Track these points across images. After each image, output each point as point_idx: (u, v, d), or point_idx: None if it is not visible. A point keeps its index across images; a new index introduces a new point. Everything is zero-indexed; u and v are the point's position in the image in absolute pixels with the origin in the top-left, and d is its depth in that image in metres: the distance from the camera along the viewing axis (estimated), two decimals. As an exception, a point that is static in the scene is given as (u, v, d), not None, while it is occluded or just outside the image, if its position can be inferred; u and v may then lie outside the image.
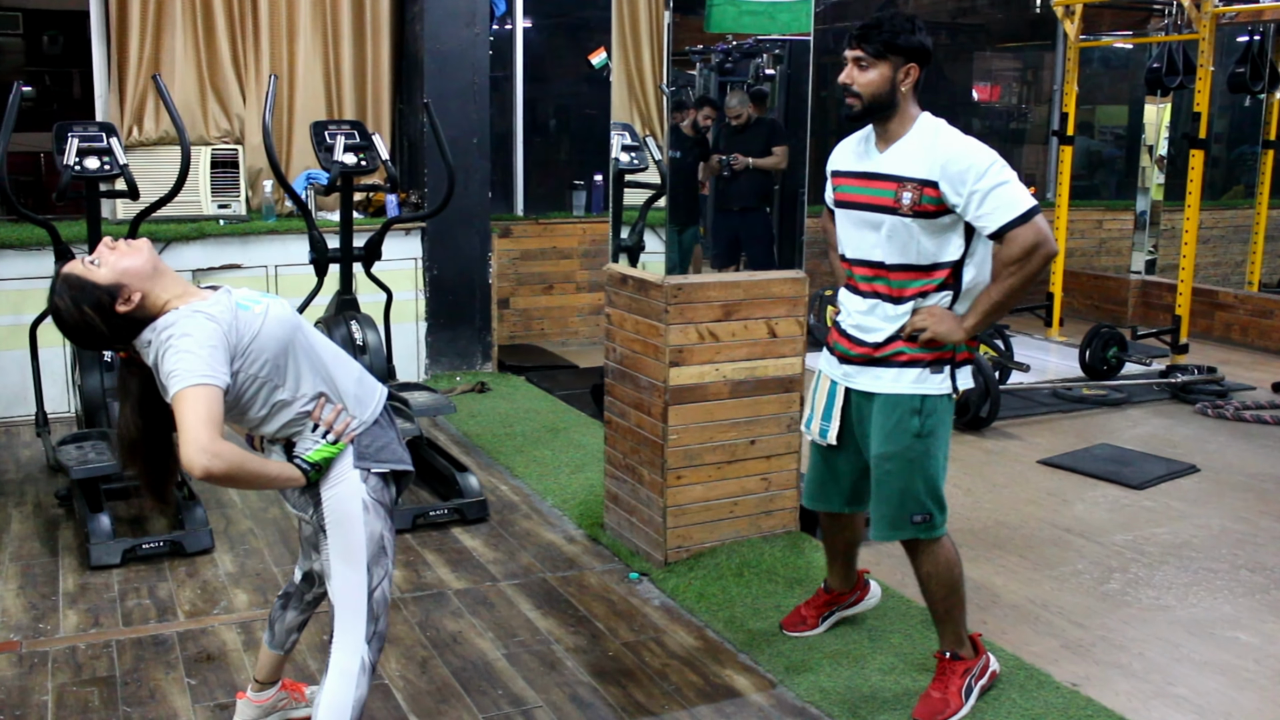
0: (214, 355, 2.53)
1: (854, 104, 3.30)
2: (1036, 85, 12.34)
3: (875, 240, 3.34)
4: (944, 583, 3.47)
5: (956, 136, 3.28)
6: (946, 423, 3.40)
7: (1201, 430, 6.72)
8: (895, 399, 3.35)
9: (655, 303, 4.39)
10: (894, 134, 3.32)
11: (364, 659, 2.80)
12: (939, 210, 3.22)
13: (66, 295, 2.63)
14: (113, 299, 2.61)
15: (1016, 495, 5.53)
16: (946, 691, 3.47)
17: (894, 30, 3.26)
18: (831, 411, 3.53)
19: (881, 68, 3.26)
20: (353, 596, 2.80)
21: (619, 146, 5.65)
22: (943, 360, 3.33)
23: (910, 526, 3.40)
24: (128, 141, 6.94)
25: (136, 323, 2.64)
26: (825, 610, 3.99)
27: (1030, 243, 3.14)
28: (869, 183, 3.35)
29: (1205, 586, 4.48)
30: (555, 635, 4.05)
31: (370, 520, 2.80)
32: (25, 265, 6.52)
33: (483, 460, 6.08)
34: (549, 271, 8.97)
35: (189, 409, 2.46)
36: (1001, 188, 3.16)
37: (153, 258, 2.69)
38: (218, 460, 2.43)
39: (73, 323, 2.64)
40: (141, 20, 7.09)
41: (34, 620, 4.12)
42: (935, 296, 3.32)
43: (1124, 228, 11.23)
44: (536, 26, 9.18)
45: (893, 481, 3.38)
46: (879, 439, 3.39)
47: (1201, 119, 7.71)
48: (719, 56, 8.55)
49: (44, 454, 5.89)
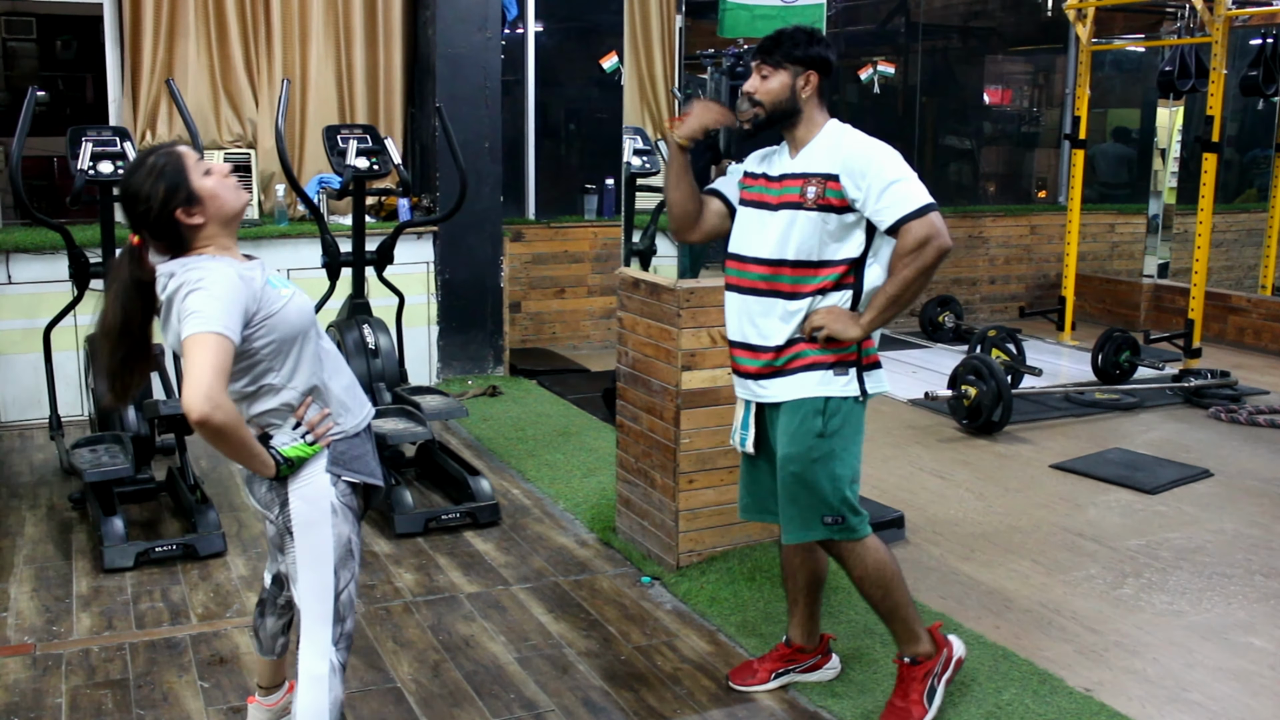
0: (234, 310, 2.53)
1: (758, 113, 3.39)
2: (1048, 89, 12.32)
3: (777, 236, 3.33)
4: (877, 584, 3.43)
5: (860, 136, 3.34)
6: (855, 425, 3.36)
7: (1215, 435, 6.69)
8: (799, 402, 3.33)
9: (668, 307, 4.39)
10: (802, 140, 3.38)
11: (333, 661, 2.79)
12: (842, 206, 3.25)
13: (159, 163, 2.64)
14: (188, 202, 2.63)
15: (1029, 500, 5.52)
16: (908, 699, 3.44)
17: (792, 42, 3.35)
18: (748, 420, 3.49)
19: (781, 76, 3.34)
20: (319, 600, 2.78)
21: (631, 150, 5.67)
22: (846, 362, 3.32)
23: (821, 527, 3.37)
24: (141, 146, 6.97)
25: (178, 237, 2.65)
26: (780, 668, 3.73)
27: (924, 235, 3.16)
28: (778, 183, 3.39)
29: (1219, 592, 4.46)
30: (567, 639, 4.05)
31: (338, 523, 2.78)
32: (39, 269, 6.54)
33: (494, 464, 6.08)
34: (560, 275, 8.98)
35: (203, 353, 2.44)
36: (899, 183, 3.20)
37: (240, 214, 2.74)
38: (218, 412, 2.41)
39: (136, 185, 2.64)
40: (155, 25, 7.12)
41: (48, 623, 4.13)
42: (834, 295, 3.31)
43: (1136, 231, 11.20)
44: (548, 30, 9.19)
45: (798, 483, 3.35)
46: (784, 441, 3.37)
47: (1214, 122, 7.70)
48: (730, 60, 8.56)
49: (58, 457, 5.91)
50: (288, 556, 2.82)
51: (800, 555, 3.64)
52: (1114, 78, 12.41)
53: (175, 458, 5.30)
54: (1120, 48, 11.68)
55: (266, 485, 2.78)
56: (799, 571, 3.67)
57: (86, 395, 5.84)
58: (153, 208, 2.62)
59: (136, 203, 2.64)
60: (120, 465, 4.67)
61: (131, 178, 2.65)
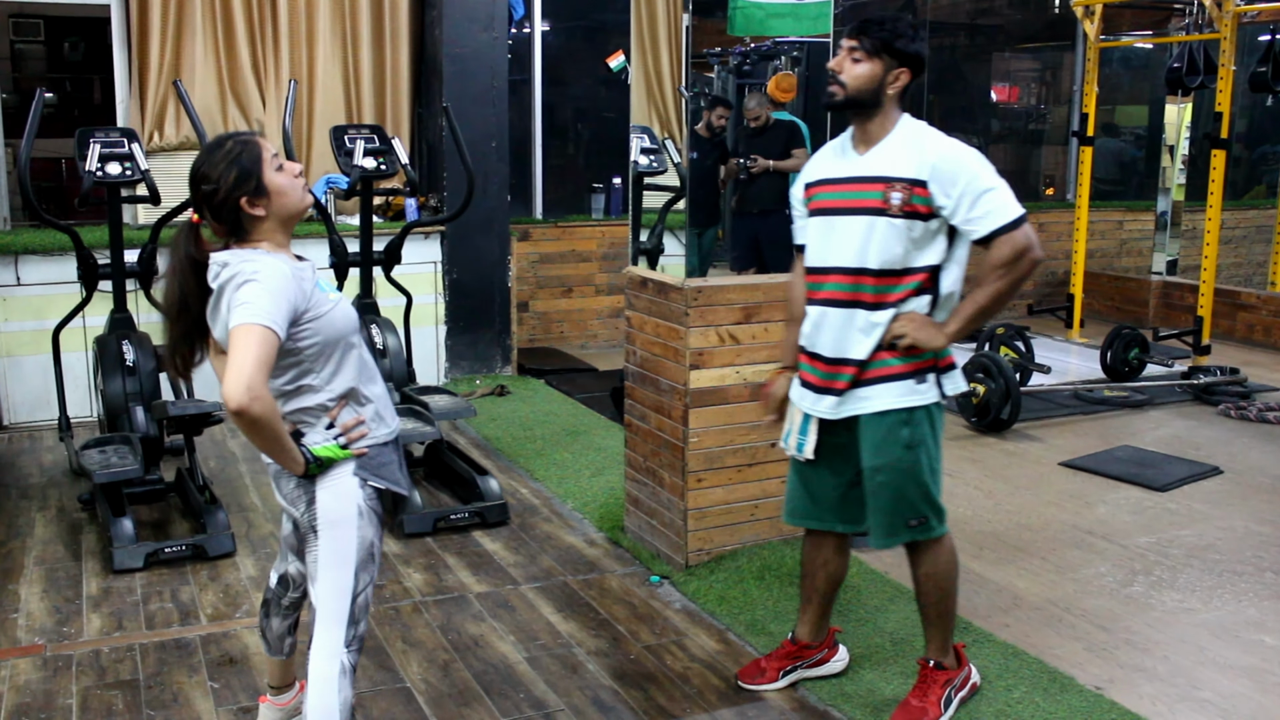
0: (284, 306, 2.56)
1: (836, 93, 3.25)
2: (1056, 86, 12.30)
3: (861, 245, 3.23)
4: (940, 585, 3.43)
5: (944, 139, 3.21)
6: (937, 429, 3.33)
7: (1224, 432, 6.68)
8: (881, 414, 3.28)
9: (675, 305, 4.38)
10: (874, 136, 3.26)
11: (343, 662, 2.79)
12: (928, 213, 3.15)
13: (238, 148, 2.68)
14: (254, 192, 2.66)
15: (1038, 497, 5.51)
16: (925, 700, 3.43)
17: (895, 32, 3.21)
18: (808, 426, 3.42)
19: (874, 64, 3.20)
20: (336, 600, 2.79)
21: (638, 149, 5.66)
22: (924, 369, 3.26)
23: (906, 530, 3.37)
24: (149, 147, 6.98)
25: (237, 224, 2.68)
26: (788, 665, 3.71)
27: (1020, 247, 3.09)
28: (853, 186, 3.27)
29: (1230, 589, 4.45)
30: (576, 638, 4.05)
31: (363, 525, 2.79)
32: (48, 270, 6.55)
33: (503, 463, 6.08)
34: (568, 274, 8.98)
35: (249, 344, 2.46)
36: (991, 193, 3.11)
37: (301, 215, 2.78)
38: (257, 403, 2.44)
39: (210, 164, 2.67)
40: (162, 26, 7.13)
41: (58, 624, 4.14)
42: (914, 302, 3.24)
43: (1145, 228, 11.18)
44: (555, 30, 9.19)
45: (886, 492, 3.33)
46: (869, 452, 3.32)
47: (1223, 119, 7.68)
48: (737, 59, 8.57)
49: (67, 458, 5.93)
50: (309, 555, 2.84)
51: (824, 556, 3.61)
52: (1122, 74, 12.38)
53: (184, 459, 5.31)
54: (1128, 44, 11.65)
55: (295, 481, 2.80)
56: (819, 572, 3.64)
57: (95, 396, 5.85)
58: (219, 191, 2.65)
59: (205, 183, 2.67)
60: (129, 466, 4.68)
61: (207, 158, 2.69)
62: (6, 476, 5.79)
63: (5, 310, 6.52)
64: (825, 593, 3.68)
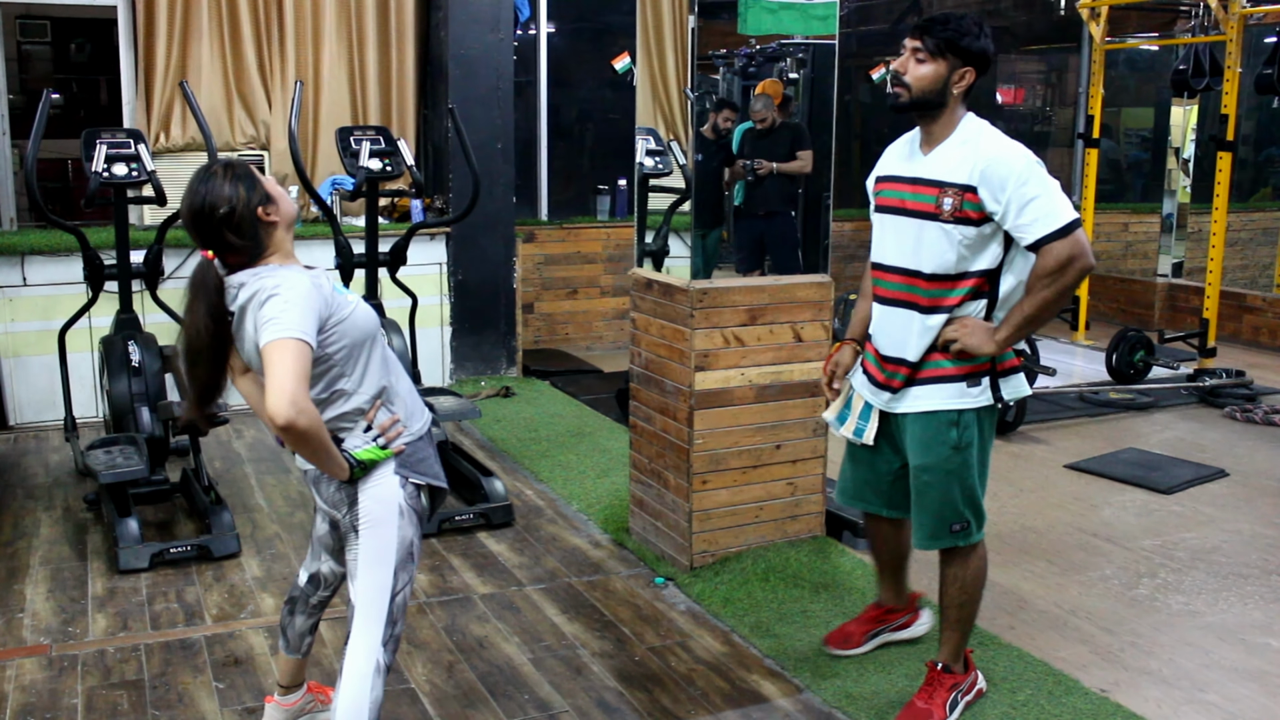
0: (312, 316, 2.58)
1: (901, 94, 3.24)
2: (1061, 88, 12.30)
3: (914, 247, 3.27)
4: (966, 589, 3.44)
5: (998, 140, 3.19)
6: (986, 433, 3.34)
7: (1230, 434, 6.67)
8: (931, 414, 3.30)
9: (681, 307, 4.38)
10: (938, 136, 3.25)
11: (379, 661, 2.81)
12: (980, 218, 3.15)
13: (233, 171, 2.72)
14: (264, 200, 2.72)
15: (1043, 500, 5.50)
16: (931, 702, 3.44)
17: (959, 31, 3.17)
18: (870, 412, 3.48)
19: (938, 65, 3.18)
20: (375, 599, 2.81)
21: (643, 151, 5.65)
22: (980, 373, 3.27)
23: (949, 535, 3.38)
24: (155, 148, 7.00)
25: (254, 238, 2.71)
26: (873, 628, 3.89)
27: (1067, 256, 3.06)
28: (912, 187, 3.29)
29: (1235, 592, 4.44)
30: (581, 640, 4.05)
31: (404, 525, 2.82)
32: (54, 271, 6.56)
33: (508, 465, 6.09)
34: (573, 276, 8.98)
35: (285, 358, 2.47)
36: (1040, 199, 3.07)
37: (296, 220, 2.85)
38: (302, 416, 2.45)
39: (218, 189, 2.69)
40: (169, 27, 7.14)
41: (63, 624, 4.14)
42: (969, 306, 3.24)
43: (1150, 231, 11.16)
44: (560, 31, 9.19)
45: (932, 493, 3.35)
46: (917, 450, 3.35)
47: (1229, 121, 7.66)
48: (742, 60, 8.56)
49: (73, 459, 5.93)
50: (349, 553, 2.86)
51: (883, 533, 3.73)
52: (1127, 76, 12.37)
53: (189, 459, 5.31)
54: (1134, 46, 11.63)
55: (336, 484, 2.83)
56: (883, 546, 3.79)
57: (101, 397, 5.86)
58: (237, 207, 2.68)
59: (220, 207, 2.69)
60: (135, 467, 4.68)
61: (207, 188, 2.70)
62: (12, 476, 5.80)
63: (12, 311, 6.53)
64: (894, 563, 3.83)
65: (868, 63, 10.64)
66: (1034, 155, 3.17)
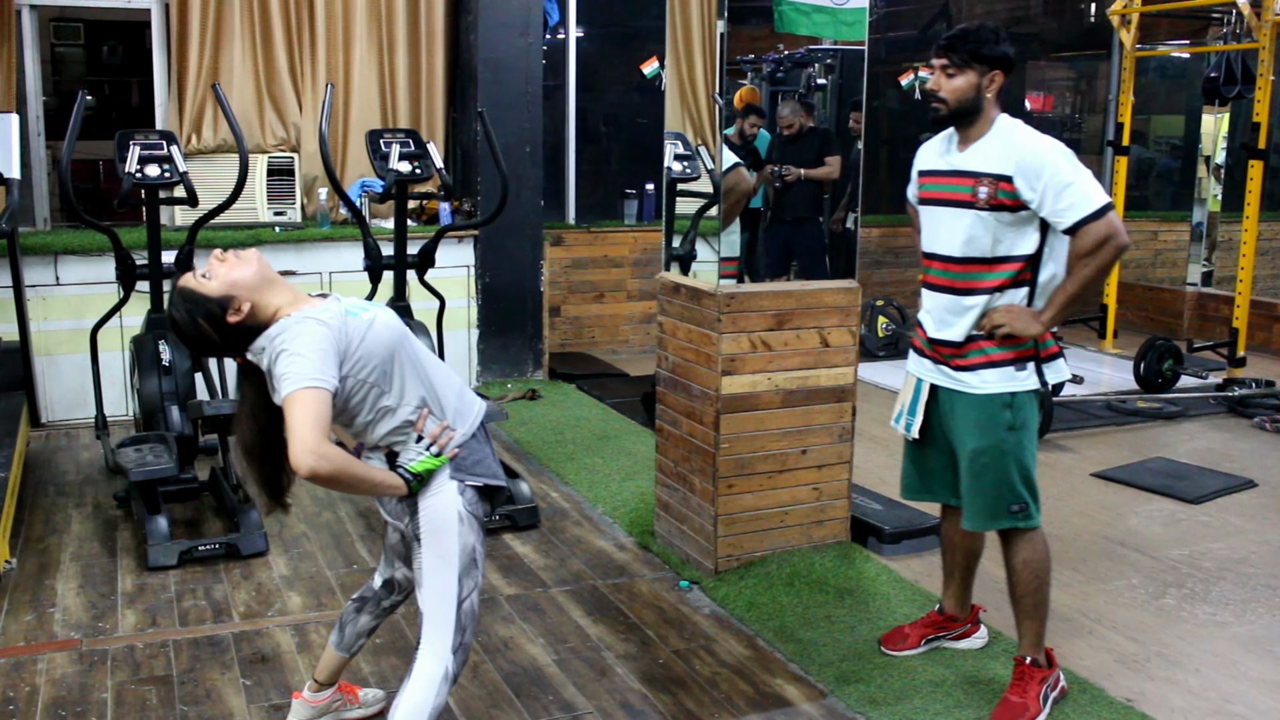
0: (324, 359, 2.59)
1: (940, 109, 3.45)
2: (1091, 95, 12.24)
3: (950, 235, 3.45)
4: (1037, 573, 3.52)
5: (1031, 134, 3.38)
6: (1035, 415, 3.49)
7: (1259, 444, 6.62)
8: (986, 397, 3.44)
9: (708, 311, 4.39)
10: (974, 135, 3.45)
11: (448, 668, 2.83)
12: (1015, 205, 3.32)
13: (181, 307, 2.72)
14: (223, 310, 2.69)
15: (1070, 508, 5.48)
16: (1026, 696, 3.48)
17: (979, 40, 3.38)
18: (916, 406, 3.64)
19: (968, 75, 3.39)
20: (442, 606, 2.84)
21: (671, 155, 5.66)
22: (1025, 357, 3.42)
23: (1007, 516, 3.48)
24: (187, 149, 7.05)
25: (249, 331, 2.71)
26: (931, 633, 3.95)
27: (1103, 235, 3.24)
28: (950, 179, 3.48)
29: (1264, 603, 4.42)
30: (606, 642, 4.06)
31: (464, 532, 2.85)
32: (86, 270, 6.63)
33: (534, 467, 6.11)
34: (600, 280, 9.00)
35: (298, 411, 2.51)
36: (1074, 185, 3.26)
37: (261, 269, 2.75)
38: (324, 461, 2.48)
39: (189, 333, 2.73)
40: (201, 30, 7.20)
41: (93, 619, 4.18)
42: (1011, 292, 3.40)
43: (1180, 239, 11.10)
44: (589, 35, 9.22)
45: (988, 474, 3.46)
46: (972, 435, 3.47)
47: (1261, 129, 7.61)
48: (770, 66, 8.56)
49: (103, 456, 5.99)
50: (415, 561, 2.89)
51: (962, 530, 3.77)
52: (1158, 84, 12.30)
53: (218, 458, 5.36)
54: (1165, 54, 11.57)
55: (396, 498, 2.87)
56: (959, 547, 3.87)
57: (132, 395, 5.91)
58: (210, 336, 2.72)
59: (200, 343, 2.75)
60: (165, 465, 4.73)
61: (179, 332, 2.75)
62: (44, 473, 5.86)
63: (45, 309, 6.60)
64: (965, 566, 3.90)
65: (896, 68, 10.62)
66: (1065, 146, 3.35)
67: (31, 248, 6.52)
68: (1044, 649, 3.59)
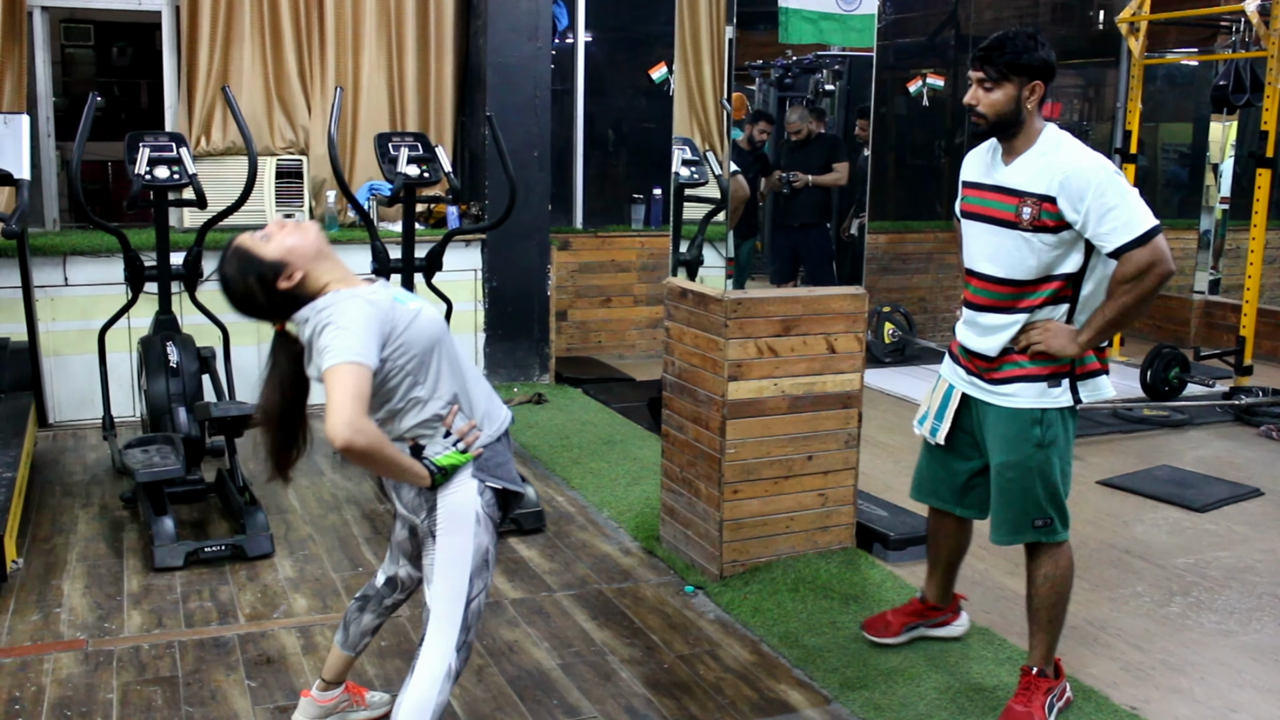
0: (369, 337, 2.62)
1: (980, 123, 3.35)
2: (1099, 102, 12.23)
3: (993, 253, 3.38)
4: (1057, 588, 3.50)
5: (1077, 151, 3.28)
6: (1068, 433, 3.44)
7: (1266, 453, 6.61)
8: (1016, 412, 3.40)
9: (715, 317, 4.40)
10: (1018, 148, 3.35)
11: (451, 666, 2.85)
12: (1059, 225, 3.24)
13: (234, 264, 2.74)
14: (275, 274, 2.72)
15: (1075, 516, 5.42)
16: (1030, 705, 3.47)
17: (1016, 50, 3.27)
18: (945, 412, 3.61)
19: (1006, 88, 3.29)
20: (451, 604, 2.85)
21: (679, 160, 5.67)
22: (1060, 374, 3.36)
23: (1031, 531, 3.47)
24: (196, 151, 7.06)
25: (295, 300, 2.74)
26: (911, 621, 4.02)
27: (1146, 263, 3.16)
28: (993, 195, 3.39)
29: (1269, 612, 4.41)
30: (610, 646, 4.06)
31: (480, 532, 2.86)
32: (94, 271, 6.65)
33: (539, 471, 6.11)
34: (607, 284, 9.01)
35: (339, 384, 2.53)
36: (1119, 208, 3.16)
37: (319, 241, 2.79)
38: (360, 436, 2.50)
39: (236, 291, 2.76)
40: (211, 32, 7.22)
41: (99, 619, 4.19)
42: (1051, 310, 3.35)
43: (1187, 247, 11.09)
44: (598, 40, 9.23)
45: (1014, 489, 3.44)
46: (1000, 448, 3.45)
47: (1269, 137, 7.61)
48: (779, 72, 8.57)
49: (110, 457, 6.00)
50: (426, 558, 2.90)
51: (946, 529, 3.84)
52: (1166, 92, 12.29)
53: (225, 459, 5.37)
54: (1173, 61, 11.56)
55: (415, 490, 2.87)
56: (942, 544, 3.89)
57: (139, 396, 5.92)
58: (258, 297, 2.74)
59: (245, 302, 2.77)
60: (172, 466, 4.74)
61: (227, 289, 2.77)
62: (51, 474, 5.87)
63: (53, 310, 6.62)
64: (948, 561, 3.95)
65: (904, 75, 10.63)
66: (1113, 165, 3.25)
67: (40, 248, 6.54)
68: (1053, 661, 3.58)
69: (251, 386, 6.85)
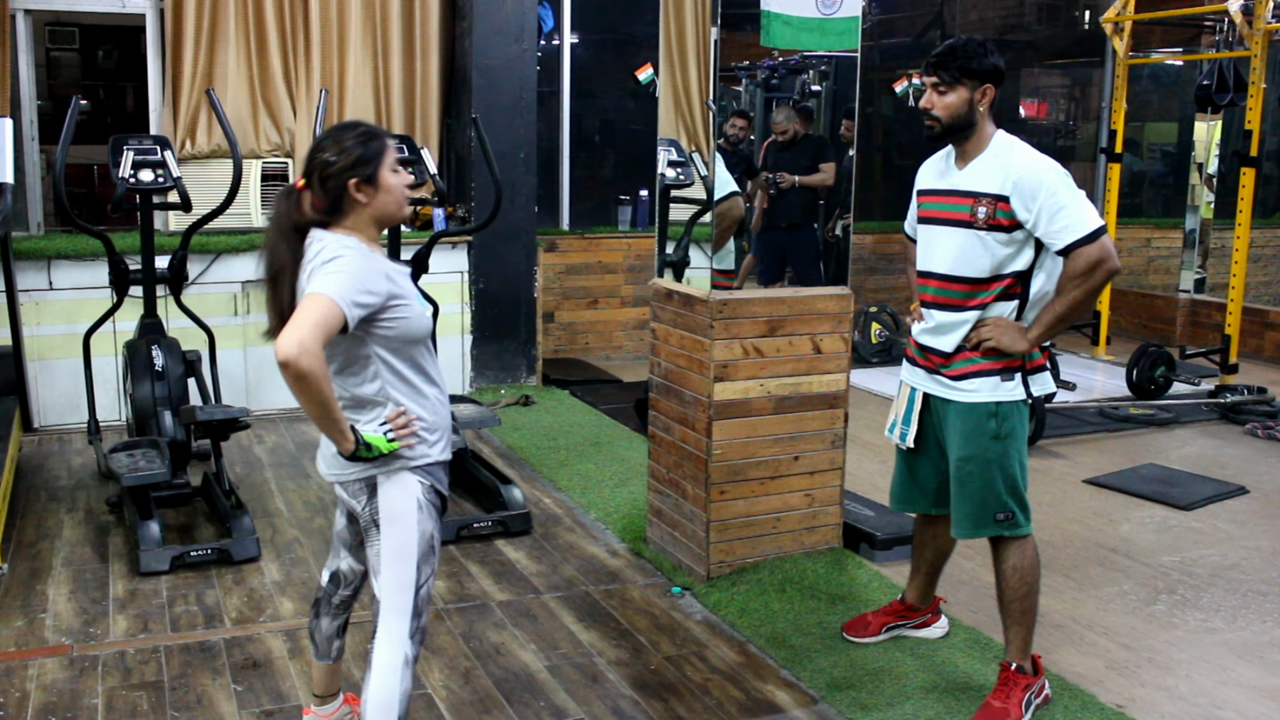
0: (362, 295, 2.64)
1: (934, 126, 3.47)
2: (1084, 102, 12.27)
3: (945, 253, 3.50)
4: (1025, 579, 3.55)
5: (1029, 154, 3.41)
6: (1022, 426, 3.53)
7: (1251, 451, 6.64)
8: (972, 406, 3.49)
9: (700, 318, 4.40)
10: (971, 153, 3.48)
11: (406, 654, 2.86)
12: (1011, 225, 3.36)
13: (368, 135, 2.77)
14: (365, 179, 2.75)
15: (1062, 514, 5.49)
16: (1008, 701, 3.50)
17: (968, 55, 3.40)
18: (910, 416, 3.70)
19: (959, 91, 3.41)
20: (400, 593, 2.86)
21: (665, 162, 5.67)
22: (1012, 368, 3.47)
23: (993, 524, 3.53)
24: (180, 154, 7.05)
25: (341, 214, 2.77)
26: (892, 622, 4.07)
27: (1095, 259, 3.29)
28: (948, 199, 3.51)
29: (1254, 610, 4.43)
30: (597, 648, 4.06)
31: (423, 519, 2.86)
32: (79, 275, 6.62)
33: (526, 473, 6.11)
34: (594, 286, 9.01)
35: (311, 309, 2.56)
36: (1069, 208, 3.30)
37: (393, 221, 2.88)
38: (306, 356, 2.50)
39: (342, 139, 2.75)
40: (196, 35, 7.20)
41: (84, 625, 4.18)
42: (1001, 306, 3.46)
43: (1172, 246, 11.13)
44: (584, 42, 9.23)
45: (974, 482, 3.51)
46: (958, 443, 3.53)
47: (1253, 136, 7.64)
48: (765, 73, 8.57)
49: (95, 461, 5.98)
50: (370, 548, 2.89)
51: (932, 532, 3.91)
52: (1151, 91, 12.34)
53: (211, 463, 5.35)
54: (1158, 61, 11.60)
55: (359, 481, 2.86)
56: (928, 545, 3.96)
57: (124, 401, 5.90)
58: (334, 164, 2.74)
59: (325, 152, 2.75)
60: (157, 470, 4.73)
61: (336, 134, 2.78)
62: (36, 478, 5.85)
63: (37, 314, 6.59)
64: (932, 563, 4.01)
65: (890, 76, 10.64)
66: (1061, 167, 3.39)
67: (25, 252, 6.51)
68: (1030, 656, 3.61)
69: (237, 390, 6.85)
